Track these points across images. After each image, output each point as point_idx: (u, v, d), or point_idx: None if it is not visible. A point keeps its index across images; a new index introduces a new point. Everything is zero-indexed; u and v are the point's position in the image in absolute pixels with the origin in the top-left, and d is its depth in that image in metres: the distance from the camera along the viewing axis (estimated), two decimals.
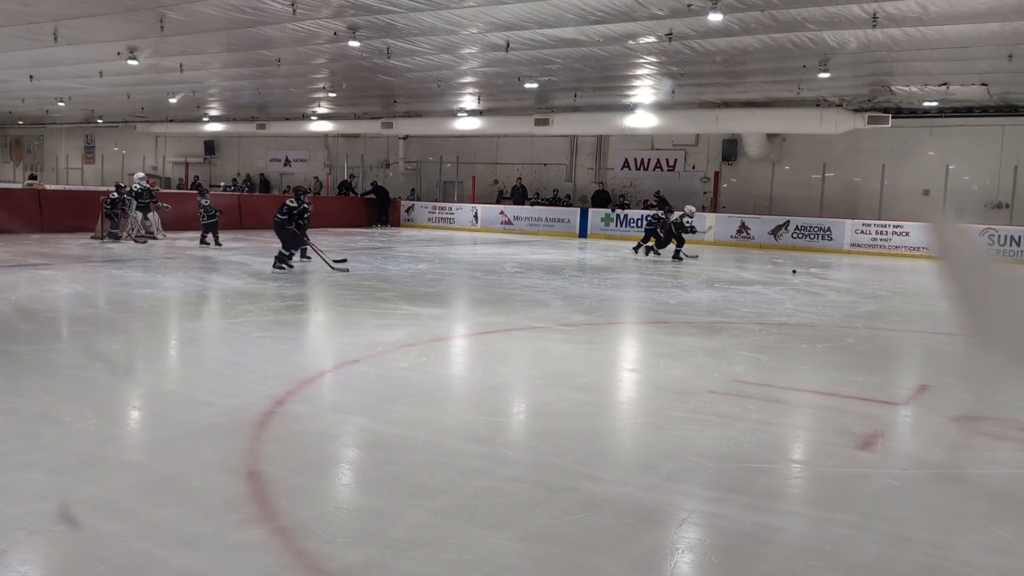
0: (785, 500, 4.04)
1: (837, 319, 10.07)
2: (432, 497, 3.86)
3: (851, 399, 6.04)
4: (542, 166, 27.86)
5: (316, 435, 4.78)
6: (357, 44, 15.03)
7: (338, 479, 4.26)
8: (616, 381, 6.75)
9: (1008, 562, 3.29)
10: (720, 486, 4.10)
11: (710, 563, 3.28)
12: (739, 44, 14.86)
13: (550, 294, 11.28)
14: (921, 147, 22.02)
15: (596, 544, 3.41)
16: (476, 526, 3.55)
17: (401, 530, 3.47)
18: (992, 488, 4.17)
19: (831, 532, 3.56)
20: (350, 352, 7.16)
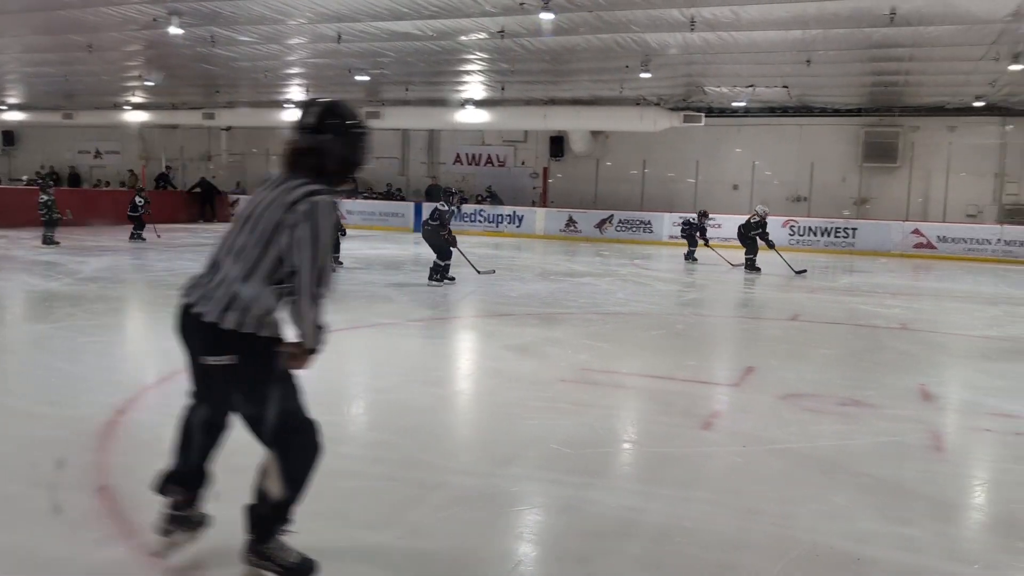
0: (644, 482, 4.26)
1: (666, 307, 10.65)
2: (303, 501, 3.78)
3: (688, 382, 6.43)
4: (374, 159, 27.49)
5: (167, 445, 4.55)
6: (179, 31, 14.25)
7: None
8: (471, 374, 6.84)
9: (842, 525, 3.64)
10: (583, 471, 4.27)
11: (583, 547, 3.41)
12: (567, 43, 15.32)
13: (392, 289, 11.23)
14: (730, 145, 23.58)
15: (474, 536, 3.47)
16: (352, 527, 3.53)
17: None
18: (822, 459, 4.58)
19: (690, 509, 3.80)
20: None
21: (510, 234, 23.77)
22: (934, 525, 3.69)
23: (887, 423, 5.33)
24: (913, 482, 4.26)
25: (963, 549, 3.52)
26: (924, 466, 4.57)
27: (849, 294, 12.86)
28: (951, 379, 7.17)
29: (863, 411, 5.59)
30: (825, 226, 21.47)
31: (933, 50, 14.60)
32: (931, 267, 18.42)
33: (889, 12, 12.01)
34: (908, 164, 21.93)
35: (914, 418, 5.54)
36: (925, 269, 18.01)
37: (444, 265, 11.70)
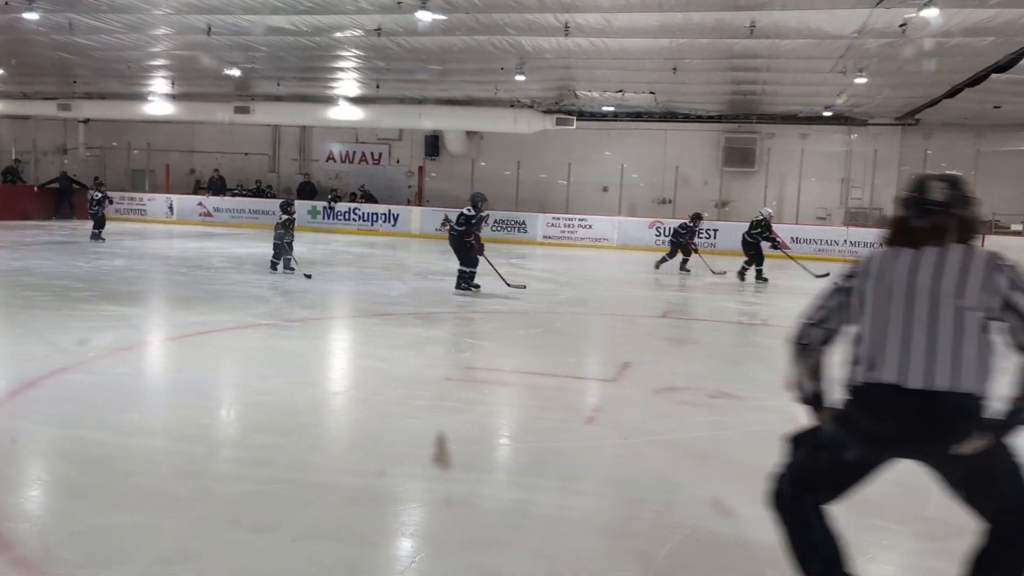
0: (532, 476, 4.38)
1: (543, 306, 10.87)
2: (189, 507, 3.70)
3: (569, 378, 6.64)
4: (243, 155, 26.68)
5: (40, 454, 4.35)
6: (35, 17, 13.37)
7: (79, 499, 3.90)
8: (355, 374, 6.81)
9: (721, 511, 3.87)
10: (474, 468, 4.36)
11: (478, 541, 3.50)
12: (444, 43, 15.35)
13: (267, 289, 10.97)
14: (600, 148, 24.22)
15: (368, 536, 3.50)
16: (242, 531, 3.48)
17: (164, 545, 3.31)
18: (697, 449, 4.85)
19: (577, 500, 3.96)
20: (57, 360, 6.47)
21: (385, 233, 23.58)
22: None
23: (755, 414, 5.68)
24: None
25: None
26: None
27: (714, 292, 13.49)
28: None
29: (732, 403, 5.93)
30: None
31: (788, 62, 15.50)
32: (786, 266, 19.52)
33: (749, 24, 12.67)
34: (765, 169, 23.16)
35: (778, 408, 5.90)
36: (780, 268, 19.07)
37: (470, 272, 11.20)
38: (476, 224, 11.31)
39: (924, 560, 3.49)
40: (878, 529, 3.74)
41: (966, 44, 12.94)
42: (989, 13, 11.14)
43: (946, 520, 3.86)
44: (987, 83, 15.46)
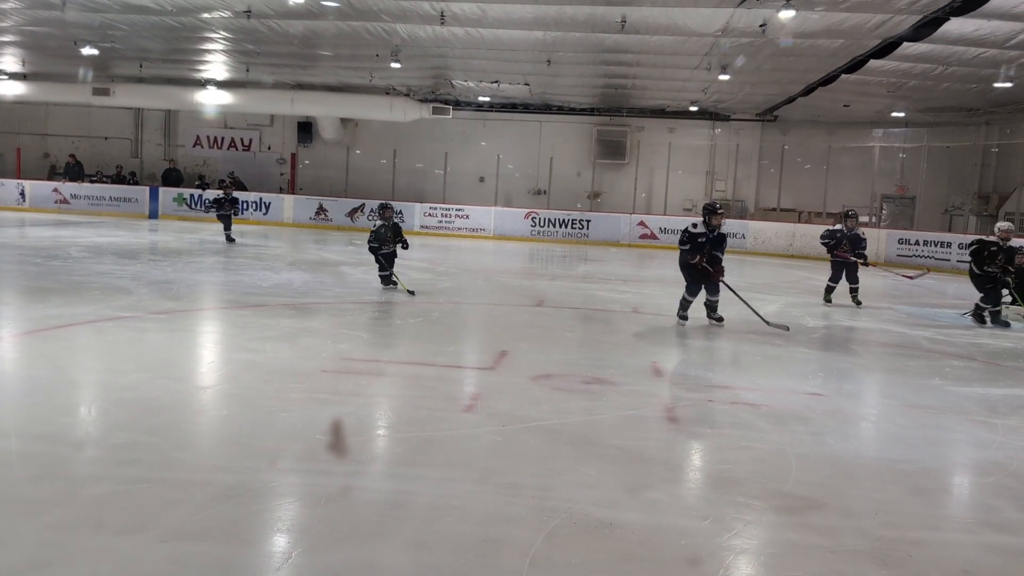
0: (411, 465, 4.37)
1: (421, 296, 10.81)
2: (46, 511, 3.51)
3: (448, 367, 6.65)
4: (102, 140, 25.27)
5: None
6: None
7: None
8: (226, 368, 6.58)
9: (595, 494, 3.98)
10: (350, 460, 4.31)
11: (355, 532, 3.46)
12: (316, 28, 15.00)
13: (130, 280, 10.45)
14: (477, 138, 24.31)
15: (241, 534, 3.41)
16: (106, 535, 3.33)
17: (17, 553, 3.12)
18: (573, 434, 4.95)
19: (456, 488, 3.97)
20: None
21: (256, 221, 22.87)
22: (671, 488, 4.15)
23: (627, 398, 5.86)
24: (652, 450, 4.73)
25: (696, 507, 3.98)
26: (660, 435, 5.09)
27: (586, 281, 13.80)
28: (677, 357, 7.98)
29: (606, 388, 6.09)
30: (563, 217, 22.78)
31: (656, 57, 15.98)
32: (654, 256, 20.18)
33: (620, 20, 12.99)
34: (635, 161, 23.83)
35: (649, 393, 6.13)
36: (650, 257, 19.70)
37: (713, 302, 9.16)
38: (706, 244, 8.93)
39: (784, 533, 3.69)
40: (741, 505, 3.93)
41: (819, 45, 13.70)
42: (840, 16, 11.83)
43: (804, 495, 4.11)
44: (838, 83, 16.45)
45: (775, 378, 6.88)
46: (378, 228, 10.91)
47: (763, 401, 5.91)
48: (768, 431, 5.21)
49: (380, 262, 10.96)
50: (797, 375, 7.11)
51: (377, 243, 10.85)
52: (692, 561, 3.35)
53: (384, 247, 10.88)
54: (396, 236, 10.94)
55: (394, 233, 10.95)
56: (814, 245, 20.75)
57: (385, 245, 10.87)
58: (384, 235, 10.87)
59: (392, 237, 10.91)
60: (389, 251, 10.95)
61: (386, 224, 10.95)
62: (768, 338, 8.62)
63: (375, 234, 10.87)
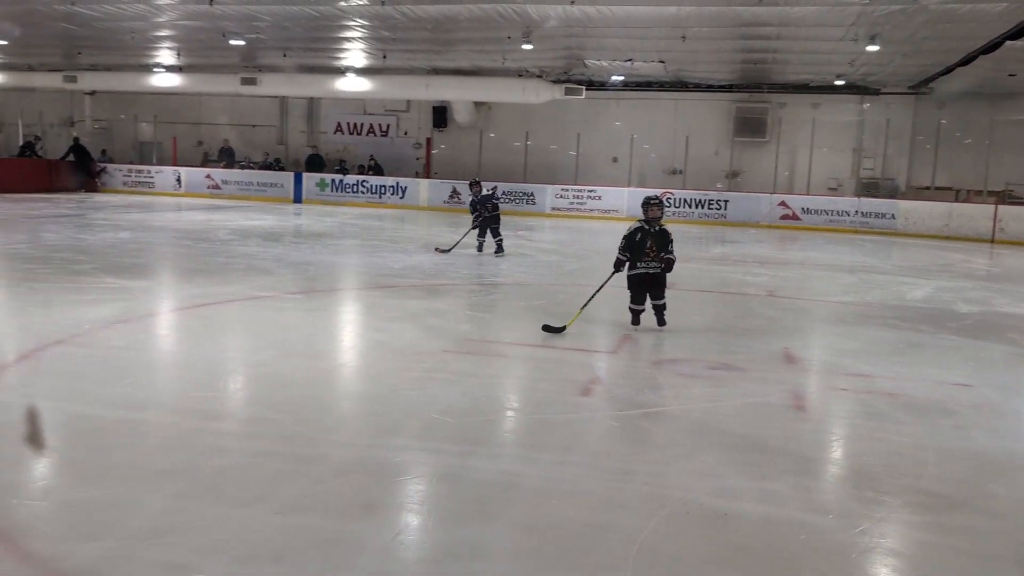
0: (523, 447, 4.33)
1: (548, 278, 10.79)
2: (172, 480, 3.67)
3: (568, 350, 6.55)
4: (251, 128, 26.60)
5: (20, 427, 4.31)
6: None
7: (59, 471, 3.89)
8: (351, 346, 6.75)
9: (711, 483, 3.81)
10: (463, 440, 4.31)
11: (463, 513, 3.45)
12: (449, 12, 15.17)
13: (271, 262, 10.92)
14: (610, 118, 23.99)
15: (352, 509, 3.45)
16: (225, 505, 3.44)
17: (142, 518, 3.27)
18: (692, 421, 4.77)
19: (566, 472, 3.89)
20: (51, 332, 6.45)
21: (393, 205, 23.51)
22: (794, 479, 3.91)
23: (754, 385, 5.60)
24: (776, 440, 4.49)
25: (820, 500, 3.74)
26: (786, 424, 4.82)
27: (720, 263, 13.37)
28: (813, 343, 7.58)
29: (732, 374, 5.85)
30: (699, 198, 22.19)
31: (798, 29, 15.23)
32: (796, 237, 19.35)
33: None
34: (776, 139, 22.89)
35: (778, 380, 5.83)
36: (791, 239, 18.90)
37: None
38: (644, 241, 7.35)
39: (918, 533, 3.41)
40: (870, 501, 3.66)
41: (980, 10, 12.65)
42: None
43: (943, 493, 3.79)
44: (1002, 50, 15.15)
45: (917, 367, 6.42)
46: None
47: (902, 391, 5.51)
48: (906, 423, 4.84)
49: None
50: (943, 364, 6.60)
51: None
52: (811, 557, 3.14)
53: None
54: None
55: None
56: (973, 225, 19.41)
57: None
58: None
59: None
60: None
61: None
62: (914, 324, 8.07)
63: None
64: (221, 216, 18.50)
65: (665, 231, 7.36)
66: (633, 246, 7.37)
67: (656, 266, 7.29)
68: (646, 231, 7.32)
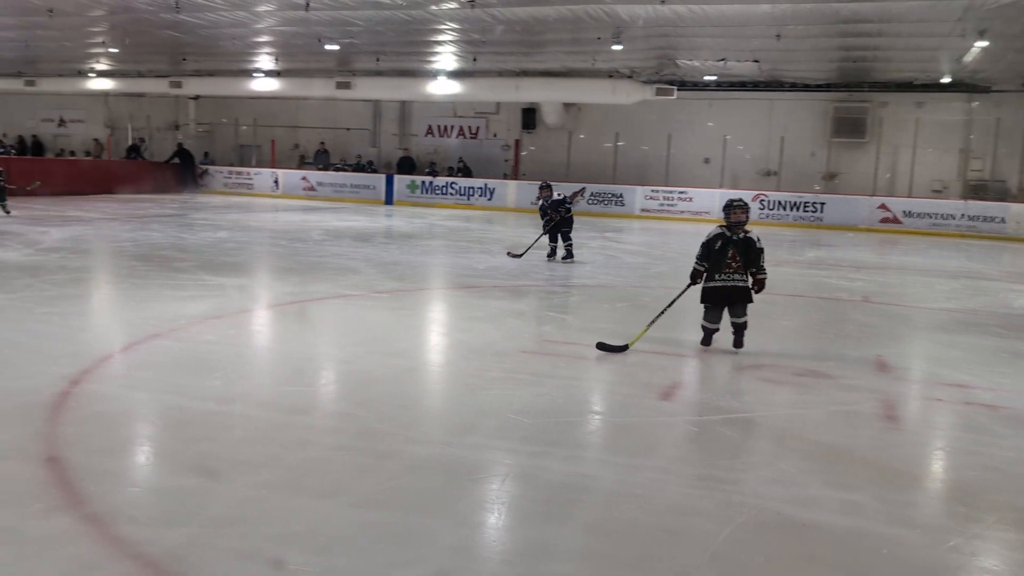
0: (598, 450, 4.29)
1: (632, 280, 10.68)
2: (254, 471, 3.78)
3: (649, 354, 6.46)
4: (345, 131, 27.24)
5: (120, 416, 4.52)
6: None
7: (150, 460, 4.06)
8: (432, 345, 6.84)
9: (791, 491, 3.70)
10: (538, 440, 4.30)
11: (534, 514, 3.44)
12: (538, 14, 15.19)
13: (360, 261, 11.16)
14: (702, 118, 23.59)
15: (425, 505, 3.48)
16: (304, 497, 3.52)
17: (225, 506, 3.38)
18: (774, 428, 4.65)
19: (641, 477, 3.84)
20: (149, 327, 6.75)
21: (481, 207, 23.69)
22: (880, 491, 3.75)
23: (842, 393, 5.41)
24: (863, 450, 4.32)
25: (907, 514, 3.58)
26: (875, 434, 4.64)
27: (814, 267, 12.97)
28: (908, 350, 7.28)
29: (819, 381, 5.66)
30: (794, 200, 21.61)
31: (901, 26, 14.65)
32: (896, 241, 18.63)
33: None
34: (876, 139, 22.09)
35: (869, 388, 5.62)
36: (891, 243, 18.21)
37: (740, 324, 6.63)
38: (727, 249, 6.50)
39: (1016, 553, 3.22)
40: (962, 517, 3.49)
41: None
42: None
43: None
44: None
45: (1021, 378, 6.08)
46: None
47: (1004, 403, 5.22)
48: (1006, 437, 4.59)
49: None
50: None
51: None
52: (894, 572, 3.01)
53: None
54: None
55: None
56: None
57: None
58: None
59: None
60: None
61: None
62: (1019, 333, 7.66)
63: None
64: (315, 217, 19.01)
65: (751, 239, 6.42)
66: (711, 255, 6.48)
67: (739, 280, 6.41)
68: (727, 238, 6.41)
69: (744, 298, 6.45)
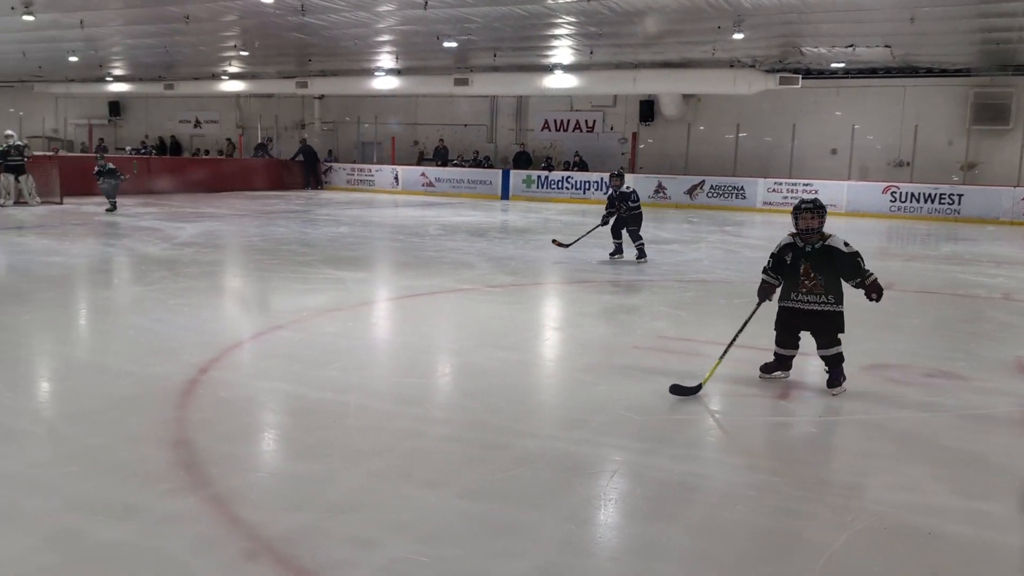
0: (710, 449, 4.19)
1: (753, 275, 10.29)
2: (367, 460, 3.88)
3: (767, 351, 6.25)
4: (462, 127, 27.63)
5: (244, 402, 4.73)
6: (271, 1, 14.55)
7: (269, 446, 4.23)
8: (543, 339, 6.84)
9: (915, 498, 3.50)
10: (648, 438, 4.23)
11: (641, 512, 3.39)
12: (656, 5, 14.96)
13: (475, 256, 11.30)
14: (829, 107, 22.67)
15: (531, 498, 3.49)
16: (413, 486, 3.59)
17: (337, 493, 3.49)
18: (899, 431, 4.41)
19: (755, 477, 3.72)
20: (273, 318, 7.05)
21: (598, 201, 23.47)
22: (1013, 502, 3.51)
23: (975, 395, 5.09)
24: (997, 456, 4.05)
25: None
26: (1011, 441, 4.34)
27: (950, 262, 12.26)
28: None
29: (951, 383, 5.35)
30: (929, 192, 20.48)
31: None
32: None
33: None
34: (1021, 126, 20.67)
35: (1006, 391, 5.26)
36: None
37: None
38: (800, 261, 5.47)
39: None
40: None
41: None
42: None
43: None
44: None
45: None
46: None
47: None
48: None
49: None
50: None
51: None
52: None
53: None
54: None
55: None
56: None
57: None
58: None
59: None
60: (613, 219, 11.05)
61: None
62: None
63: None
64: (433, 212, 19.37)
65: (831, 248, 5.19)
66: (783, 268, 5.40)
67: (817, 302, 5.20)
68: (799, 250, 5.28)
69: (828, 324, 5.19)
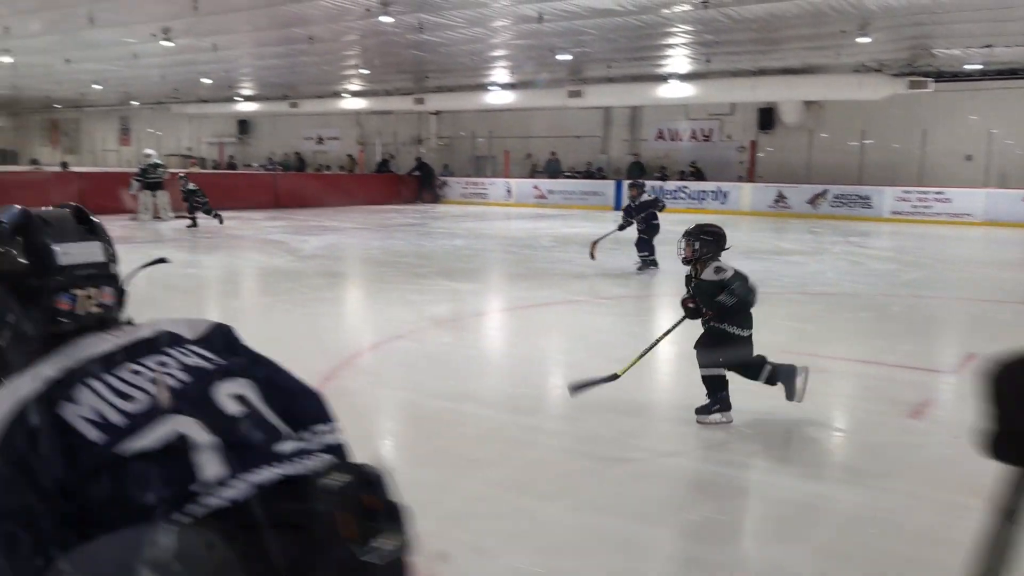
0: (837, 469, 4.02)
1: (880, 288, 9.94)
2: (482, 469, 3.90)
3: (897, 367, 5.97)
4: (575, 139, 27.63)
5: (366, 410, 4.84)
6: (390, 20, 14.98)
7: (389, 452, 4.31)
8: (658, 353, 6.72)
9: None
10: (771, 456, 4.10)
11: (765, 532, 3.28)
12: (776, 10, 14.57)
13: (587, 267, 11.25)
14: (963, 111, 21.49)
15: (649, 514, 3.43)
16: (529, 497, 3.58)
17: (455, 501, 3.52)
18: None
19: (886, 500, 3.54)
20: (393, 328, 7.20)
21: (714, 211, 23.03)
22: None
23: None
24: None
25: None
26: None
27: None
28: None
29: None
30: None
31: None
32: None
33: None
34: None
35: None
36: None
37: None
38: None
39: None
40: None
41: None
42: None
43: None
44: None
45: None
46: None
47: None
48: None
49: None
50: None
51: None
52: None
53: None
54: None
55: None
56: None
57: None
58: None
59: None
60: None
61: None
62: None
63: None
64: (545, 224, 19.43)
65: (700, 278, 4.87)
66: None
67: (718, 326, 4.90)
68: (688, 277, 5.17)
69: (710, 342, 4.84)
